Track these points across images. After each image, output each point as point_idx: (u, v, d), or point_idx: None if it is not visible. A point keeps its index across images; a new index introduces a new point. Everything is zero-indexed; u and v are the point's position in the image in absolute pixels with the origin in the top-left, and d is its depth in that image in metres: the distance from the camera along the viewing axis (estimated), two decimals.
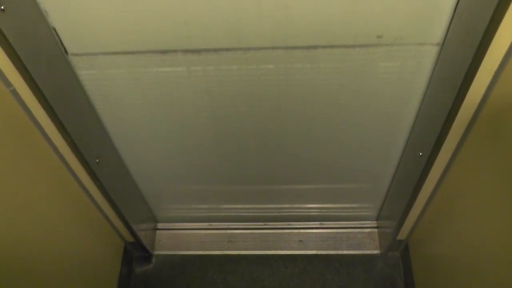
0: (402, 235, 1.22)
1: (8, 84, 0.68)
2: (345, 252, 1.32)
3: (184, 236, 1.38)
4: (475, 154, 0.79)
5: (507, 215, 0.69)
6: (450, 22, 0.66)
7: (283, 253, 1.33)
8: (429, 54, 0.73)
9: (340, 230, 1.35)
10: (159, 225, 1.40)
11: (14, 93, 0.70)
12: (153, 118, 0.92)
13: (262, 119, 0.91)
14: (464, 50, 0.63)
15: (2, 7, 0.59)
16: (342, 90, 0.83)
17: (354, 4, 0.65)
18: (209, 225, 1.38)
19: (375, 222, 1.35)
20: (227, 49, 0.74)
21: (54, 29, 0.70)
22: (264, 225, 1.37)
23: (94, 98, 0.85)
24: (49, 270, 0.90)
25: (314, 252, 1.33)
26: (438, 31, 0.68)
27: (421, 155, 0.86)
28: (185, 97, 0.85)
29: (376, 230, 1.35)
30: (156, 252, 1.36)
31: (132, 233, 1.18)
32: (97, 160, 0.89)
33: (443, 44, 0.70)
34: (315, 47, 0.72)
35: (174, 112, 0.90)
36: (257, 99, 0.86)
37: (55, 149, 0.84)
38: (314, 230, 1.36)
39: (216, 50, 0.74)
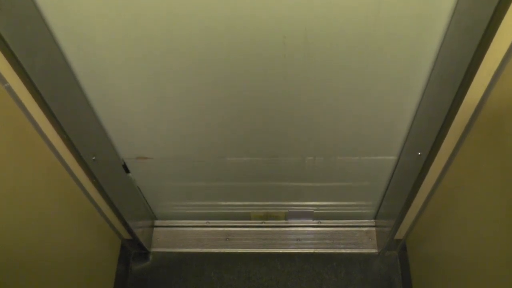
0: (400, 235, 1.22)
1: (2, 80, 0.67)
2: (343, 251, 1.32)
3: (181, 234, 1.37)
4: (474, 154, 0.79)
5: (505, 215, 0.69)
6: (449, 22, 0.65)
7: (280, 251, 1.33)
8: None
9: (338, 229, 1.35)
10: (156, 223, 1.40)
11: (9, 89, 0.69)
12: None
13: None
14: (463, 50, 0.63)
15: None
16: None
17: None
18: (207, 222, 1.38)
19: (373, 221, 1.35)
20: None
21: (50, 26, 0.69)
22: (262, 223, 1.36)
23: (90, 94, 0.84)
24: (46, 267, 0.90)
25: (311, 250, 1.32)
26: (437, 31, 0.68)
27: (419, 155, 0.85)
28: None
29: (374, 229, 1.34)
30: (153, 250, 1.36)
31: (129, 230, 1.17)
32: (94, 158, 0.89)
33: (442, 44, 0.69)
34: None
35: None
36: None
37: (51, 146, 0.84)
38: (312, 228, 1.36)
39: None
